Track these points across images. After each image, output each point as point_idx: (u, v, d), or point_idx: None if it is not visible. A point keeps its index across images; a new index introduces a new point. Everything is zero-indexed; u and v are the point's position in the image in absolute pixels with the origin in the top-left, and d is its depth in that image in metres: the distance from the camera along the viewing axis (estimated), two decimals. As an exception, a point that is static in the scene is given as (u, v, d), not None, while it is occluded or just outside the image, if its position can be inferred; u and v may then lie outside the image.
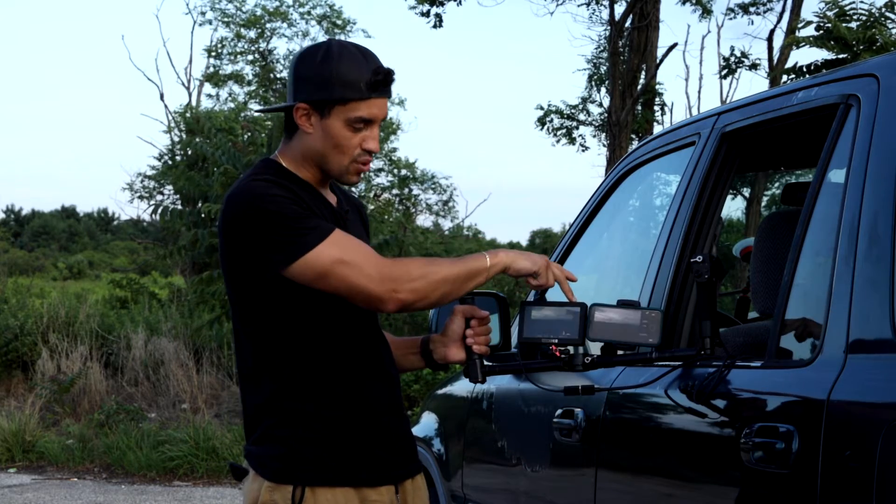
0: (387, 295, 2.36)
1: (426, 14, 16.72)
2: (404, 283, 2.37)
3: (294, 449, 2.44)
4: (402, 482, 2.55)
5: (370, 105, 2.44)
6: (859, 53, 10.40)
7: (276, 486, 2.44)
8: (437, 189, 25.97)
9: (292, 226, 2.37)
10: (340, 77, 2.42)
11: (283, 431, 2.46)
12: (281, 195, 2.39)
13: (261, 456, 2.48)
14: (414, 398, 9.77)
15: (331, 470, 2.44)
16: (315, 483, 2.43)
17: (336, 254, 2.36)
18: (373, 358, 2.51)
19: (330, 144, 2.46)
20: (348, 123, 2.44)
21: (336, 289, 2.38)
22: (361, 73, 2.43)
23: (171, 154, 15.87)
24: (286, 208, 2.38)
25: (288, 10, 27.12)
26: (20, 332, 12.41)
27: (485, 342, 2.59)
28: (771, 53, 17.35)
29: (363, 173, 2.52)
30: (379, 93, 2.45)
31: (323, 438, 2.45)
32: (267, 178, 2.43)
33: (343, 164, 2.47)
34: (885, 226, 2.18)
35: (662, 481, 2.75)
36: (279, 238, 2.37)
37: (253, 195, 2.40)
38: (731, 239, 13.34)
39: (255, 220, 2.38)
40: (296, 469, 2.43)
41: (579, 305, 2.62)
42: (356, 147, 2.46)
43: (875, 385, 2.09)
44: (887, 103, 2.31)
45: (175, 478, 9.01)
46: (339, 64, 2.43)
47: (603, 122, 17.74)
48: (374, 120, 2.47)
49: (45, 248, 48.34)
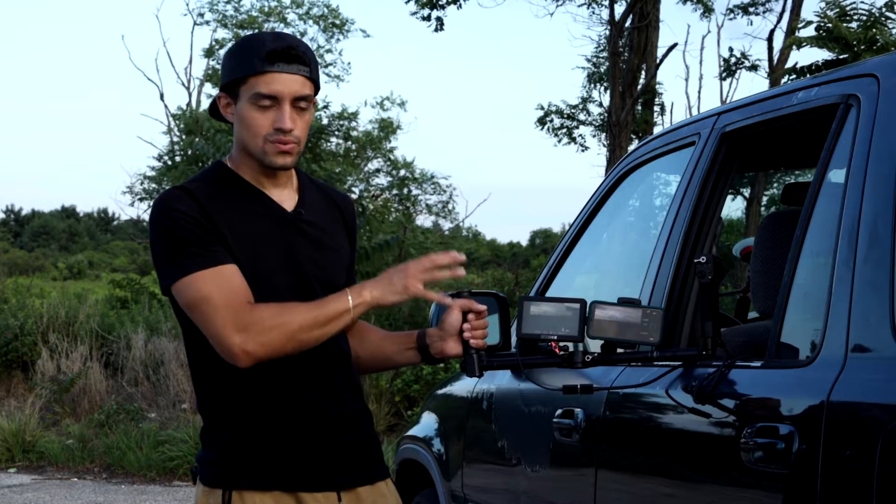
0: (237, 348, 2.29)
1: (427, 18, 16.72)
2: (256, 335, 2.29)
3: (224, 453, 2.44)
4: (346, 490, 2.49)
5: (268, 80, 2.37)
6: (860, 53, 10.40)
7: (210, 490, 2.44)
8: (436, 189, 25.96)
9: (180, 246, 2.35)
10: (241, 56, 2.40)
11: (216, 435, 2.46)
12: (183, 212, 2.35)
13: (199, 460, 2.49)
14: (414, 398, 9.77)
15: (261, 473, 2.41)
16: (244, 486, 2.41)
17: (205, 290, 2.32)
18: (311, 365, 2.44)
19: (245, 129, 2.41)
20: (253, 102, 2.38)
21: (199, 326, 2.36)
22: (260, 48, 2.39)
23: (171, 154, 15.87)
24: (182, 227, 2.35)
25: (285, 10, 27.11)
26: (20, 332, 12.41)
27: (482, 336, 2.54)
28: (771, 54, 17.34)
29: (287, 154, 2.41)
30: (278, 67, 2.37)
31: (252, 443, 2.42)
32: (186, 188, 2.40)
33: (258, 145, 2.41)
34: (885, 226, 2.18)
35: (662, 481, 2.75)
36: (167, 255, 2.37)
37: (161, 205, 2.39)
38: (731, 239, 13.34)
39: (155, 231, 2.40)
40: (226, 473, 2.42)
41: (579, 302, 2.60)
42: (268, 127, 2.39)
43: (875, 385, 2.09)
44: (887, 103, 2.31)
45: (175, 478, 9.01)
46: (242, 45, 2.42)
47: (603, 122, 17.74)
48: (279, 97, 2.38)
49: (45, 248, 48.34)
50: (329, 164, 15.23)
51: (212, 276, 2.33)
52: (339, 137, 22.77)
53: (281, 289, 2.42)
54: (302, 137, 2.44)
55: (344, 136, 22.82)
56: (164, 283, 2.40)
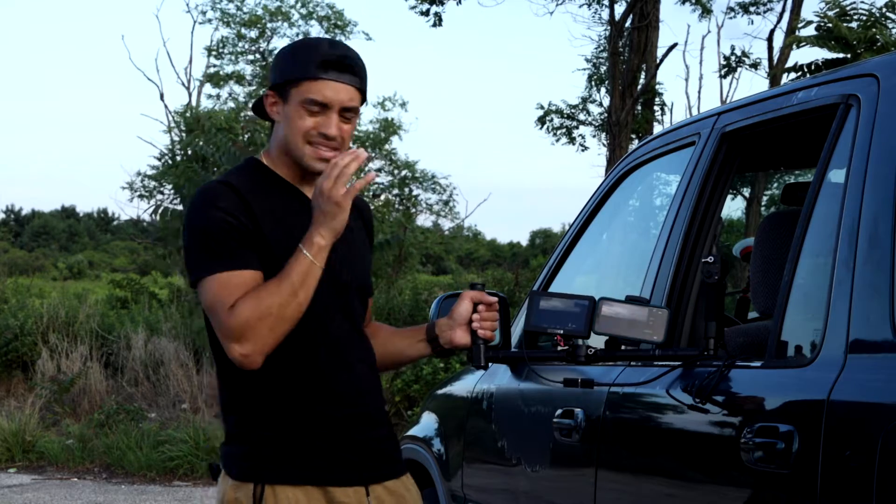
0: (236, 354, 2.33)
1: (426, 13, 16.72)
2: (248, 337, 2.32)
3: (256, 447, 2.45)
4: (374, 484, 2.53)
5: (321, 87, 2.42)
6: (860, 53, 10.40)
7: (240, 485, 2.45)
8: (437, 189, 25.97)
9: (210, 245, 2.38)
10: (296, 58, 2.45)
11: (246, 430, 2.47)
12: (223, 209, 2.38)
13: (227, 455, 2.50)
14: (414, 398, 9.76)
15: (293, 468, 2.44)
16: (276, 481, 2.43)
17: (223, 293, 2.35)
18: (340, 362, 2.48)
19: (290, 129, 2.45)
20: (302, 105, 2.43)
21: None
22: (316, 55, 2.43)
23: (172, 154, 15.87)
24: (216, 225, 2.37)
25: (290, 10, 27.11)
26: (20, 332, 12.41)
27: (490, 328, 2.58)
28: (771, 53, 17.35)
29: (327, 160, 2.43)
30: (332, 75, 2.42)
31: (285, 437, 2.45)
32: (229, 182, 2.43)
33: (300, 147, 2.45)
34: (885, 226, 2.18)
35: (662, 481, 2.75)
36: (197, 253, 2.40)
37: (202, 200, 2.42)
38: (731, 239, 13.34)
39: (190, 225, 2.43)
40: (257, 467, 2.44)
41: (588, 299, 2.62)
42: (311, 129, 2.43)
43: (875, 385, 2.09)
44: (887, 103, 2.31)
45: (175, 478, 9.01)
46: (299, 48, 2.47)
47: (603, 122, 17.74)
48: (329, 104, 2.43)
49: (45, 248, 48.35)
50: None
51: (222, 280, 2.36)
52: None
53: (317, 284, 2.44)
54: (343, 146, 2.48)
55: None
56: (191, 278, 2.45)
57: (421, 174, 25.62)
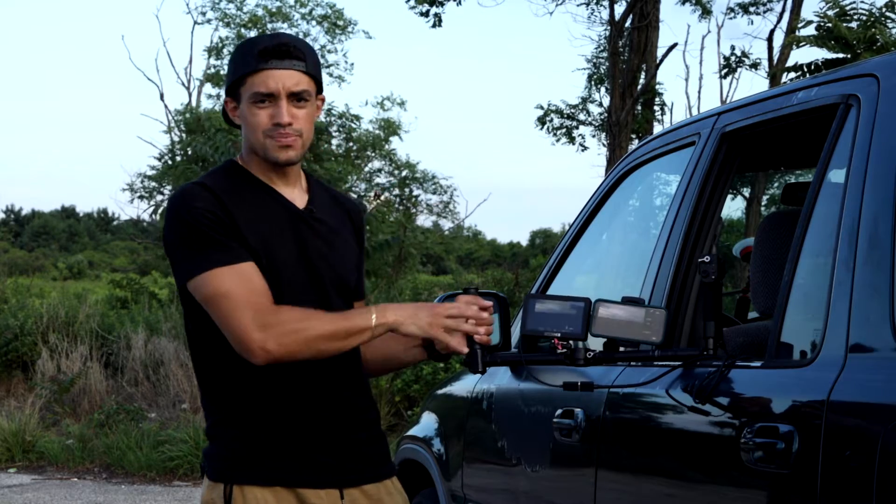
0: (256, 345, 2.32)
1: (425, 14, 16.71)
2: (278, 336, 2.33)
3: (229, 448, 2.46)
4: (349, 487, 2.51)
5: (264, 77, 2.42)
6: (860, 53, 10.40)
7: (214, 485, 2.47)
8: (437, 189, 25.96)
9: (200, 242, 2.39)
10: (237, 58, 2.46)
11: (221, 431, 2.49)
12: (202, 208, 2.39)
13: (205, 455, 2.52)
14: (414, 398, 9.76)
15: (263, 468, 2.44)
16: (246, 481, 2.43)
17: (225, 286, 2.35)
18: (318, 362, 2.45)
19: (248, 128, 2.47)
20: (251, 102, 2.44)
21: (216, 321, 2.39)
22: (254, 48, 2.44)
23: (172, 154, 15.87)
24: (203, 223, 2.38)
25: (290, 10, 27.10)
26: (20, 332, 12.41)
27: (487, 332, 2.55)
28: (771, 53, 17.35)
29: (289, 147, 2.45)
30: (272, 64, 2.42)
31: (256, 438, 2.45)
32: (204, 184, 2.44)
33: (261, 142, 2.46)
34: (885, 226, 2.18)
35: (662, 481, 2.75)
36: (186, 250, 2.41)
37: (180, 201, 2.43)
38: (731, 239, 13.33)
39: (174, 227, 2.43)
40: (228, 467, 2.45)
41: (583, 301, 2.61)
42: (267, 123, 2.44)
43: (875, 385, 2.09)
44: (887, 103, 2.31)
45: (175, 478, 9.01)
46: (239, 47, 2.49)
47: (603, 122, 17.74)
48: (275, 93, 2.43)
49: (45, 248, 48.34)
50: (330, 164, 15.24)
51: (233, 273, 2.37)
52: (340, 138, 22.77)
53: (293, 283, 2.46)
54: (304, 131, 2.48)
55: (346, 136, 22.81)
56: (183, 277, 2.43)
57: (421, 174, 25.60)
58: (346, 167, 17.61)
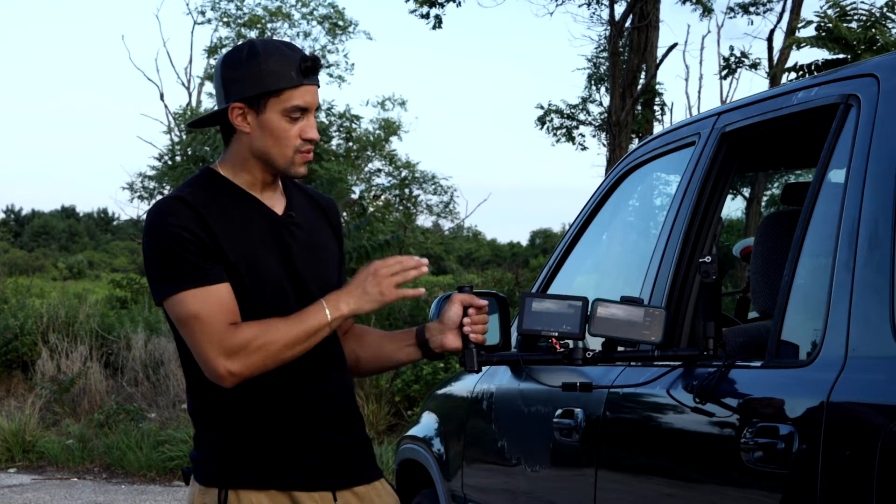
0: (223, 370, 2.36)
1: (426, 16, 16.71)
2: (241, 358, 2.36)
3: (220, 453, 2.47)
4: (342, 490, 2.53)
5: (303, 92, 2.45)
6: (860, 53, 10.39)
7: (206, 490, 2.48)
8: (437, 190, 25.96)
9: (173, 263, 2.39)
10: (270, 69, 2.44)
11: (211, 436, 2.50)
12: (178, 225, 2.38)
13: (195, 460, 2.54)
14: (414, 398, 9.76)
15: (256, 473, 2.45)
16: (240, 486, 2.45)
17: (193, 309, 2.37)
18: (307, 365, 2.47)
19: (271, 139, 2.46)
20: (285, 114, 2.44)
21: (187, 342, 2.42)
22: (290, 63, 2.45)
23: (172, 154, 15.88)
24: (176, 242, 2.38)
25: (290, 10, 27.09)
26: (20, 332, 12.42)
27: (481, 331, 2.56)
28: (771, 53, 17.35)
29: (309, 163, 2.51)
30: (309, 79, 2.46)
31: (248, 442, 2.46)
32: (182, 198, 2.42)
33: (287, 155, 2.46)
34: (885, 226, 2.18)
35: (662, 481, 2.74)
36: (160, 270, 2.41)
37: (155, 218, 2.43)
38: (731, 239, 13.34)
39: (149, 244, 2.43)
40: (222, 472, 2.46)
41: (581, 300, 2.61)
42: (296, 138, 2.46)
43: (875, 385, 2.09)
44: (887, 103, 2.31)
45: (175, 478, 9.01)
46: (266, 57, 2.45)
47: (603, 122, 17.74)
48: (309, 108, 2.47)
49: (45, 248, 48.34)
50: (329, 164, 15.23)
51: (201, 296, 2.38)
52: (340, 138, 22.76)
53: (277, 292, 2.46)
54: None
55: (346, 136, 22.80)
56: (157, 297, 2.45)
57: (421, 175, 25.61)
58: (346, 167, 17.60)
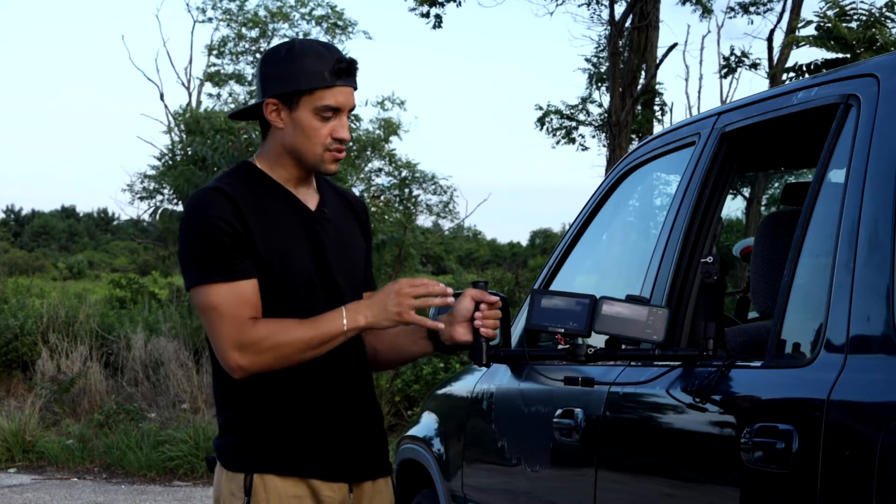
0: (233, 363, 2.45)
1: (426, 15, 16.70)
2: (252, 354, 2.44)
3: (246, 439, 2.54)
4: (359, 482, 2.61)
5: (335, 93, 2.51)
6: (860, 53, 10.39)
7: (232, 475, 2.54)
8: (437, 190, 25.95)
9: (207, 253, 2.47)
10: (305, 68, 2.51)
11: (237, 423, 2.56)
12: (217, 216, 2.46)
13: (220, 447, 2.59)
14: (414, 398, 9.76)
15: (280, 459, 2.52)
16: (264, 471, 2.51)
17: (215, 301, 2.46)
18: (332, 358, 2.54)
19: (302, 136, 2.53)
20: (316, 113, 2.51)
21: (206, 330, 2.51)
22: (325, 63, 2.51)
23: (171, 154, 15.88)
24: (212, 234, 2.46)
25: (290, 11, 27.08)
26: (20, 332, 12.41)
27: (493, 326, 2.62)
28: (771, 53, 17.34)
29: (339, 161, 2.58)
30: (343, 81, 2.52)
31: (273, 429, 2.52)
32: (223, 190, 2.50)
33: (317, 153, 2.54)
34: (885, 226, 2.18)
35: (662, 481, 2.75)
36: (193, 258, 2.49)
37: (197, 205, 2.51)
38: (731, 239, 13.33)
39: (187, 232, 2.51)
40: (247, 458, 2.52)
41: (589, 297, 2.64)
42: (327, 136, 2.53)
43: (875, 385, 2.09)
44: (887, 103, 2.31)
45: (175, 478, 9.01)
46: (303, 57, 2.52)
47: (603, 122, 17.73)
48: (342, 108, 2.53)
49: (45, 248, 48.33)
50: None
51: (226, 290, 2.46)
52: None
53: (307, 286, 2.54)
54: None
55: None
56: (187, 282, 2.54)
57: (421, 175, 25.59)
58: (346, 167, 17.61)
